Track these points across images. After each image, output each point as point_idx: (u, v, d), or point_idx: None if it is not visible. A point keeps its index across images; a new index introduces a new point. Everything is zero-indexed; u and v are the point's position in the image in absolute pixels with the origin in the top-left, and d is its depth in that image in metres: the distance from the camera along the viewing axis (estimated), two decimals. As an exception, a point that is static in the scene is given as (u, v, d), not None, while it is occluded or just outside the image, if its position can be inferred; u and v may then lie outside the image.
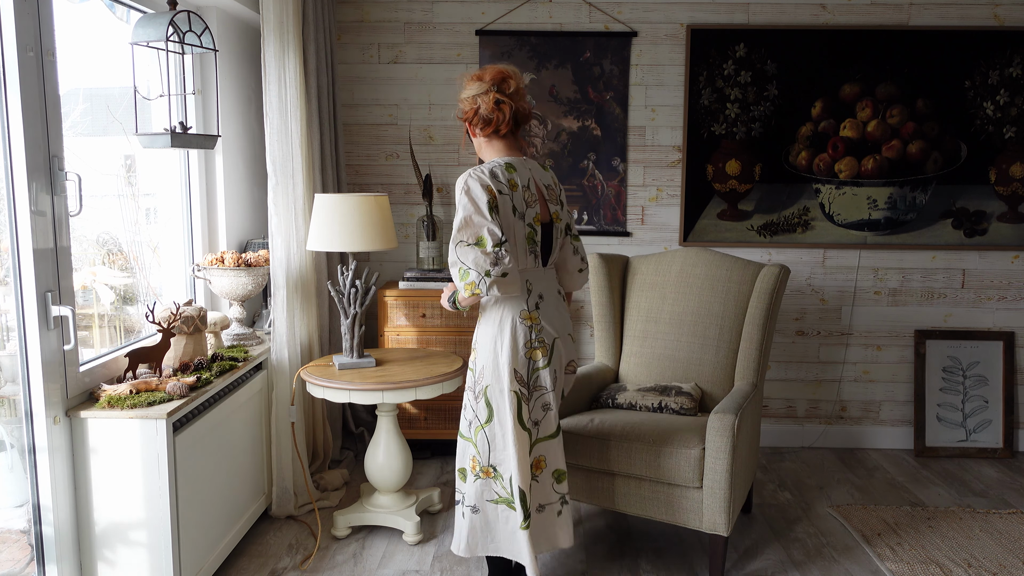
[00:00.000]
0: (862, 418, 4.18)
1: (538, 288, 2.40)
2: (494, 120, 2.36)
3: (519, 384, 2.33)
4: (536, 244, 2.37)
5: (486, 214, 2.23)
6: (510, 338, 2.32)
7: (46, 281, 2.20)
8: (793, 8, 3.92)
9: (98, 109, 2.85)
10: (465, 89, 2.39)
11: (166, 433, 2.32)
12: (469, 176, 2.28)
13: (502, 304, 2.36)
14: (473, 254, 2.23)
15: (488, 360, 2.36)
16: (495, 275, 2.21)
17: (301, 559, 2.92)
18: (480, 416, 2.40)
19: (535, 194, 2.38)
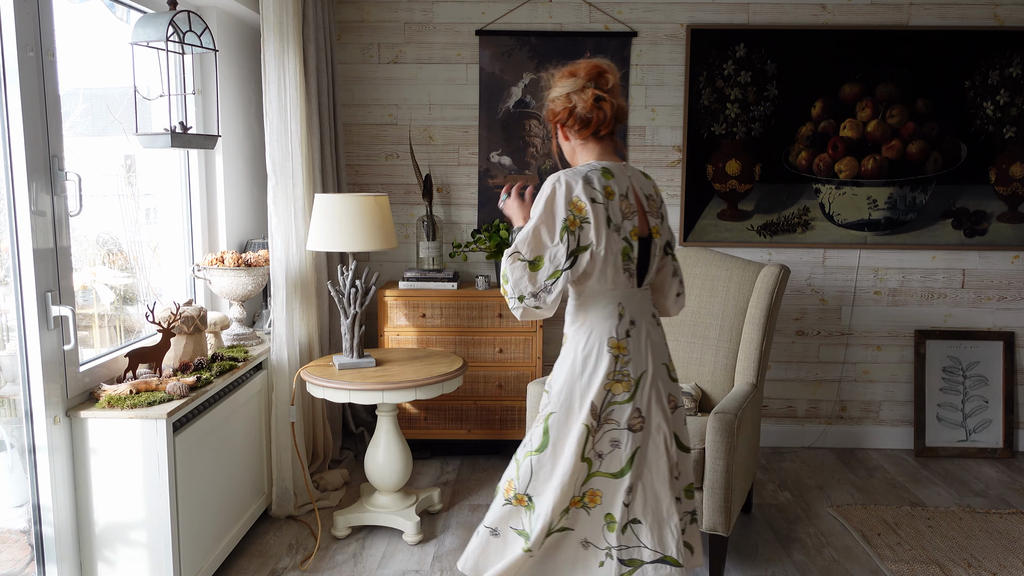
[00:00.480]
0: (862, 418, 4.18)
1: (631, 312, 2.09)
2: (593, 120, 2.09)
3: (592, 417, 2.05)
4: (632, 261, 2.06)
5: (557, 234, 1.98)
6: (592, 368, 2.06)
7: (46, 281, 2.20)
8: (793, 8, 3.92)
9: (98, 109, 2.85)
10: (555, 86, 2.13)
11: (166, 433, 2.32)
12: (558, 181, 2.01)
13: (588, 328, 2.08)
14: (520, 272, 2.01)
15: (562, 387, 2.10)
16: (527, 305, 2.03)
17: (301, 559, 2.92)
18: (533, 442, 2.15)
19: (634, 205, 2.07)
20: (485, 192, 4.06)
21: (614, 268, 2.04)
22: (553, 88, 2.14)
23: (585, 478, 2.09)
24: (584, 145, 2.14)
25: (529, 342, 3.77)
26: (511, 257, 2.02)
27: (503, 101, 3.99)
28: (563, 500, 2.08)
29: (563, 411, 2.08)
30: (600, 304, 2.07)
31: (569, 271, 1.99)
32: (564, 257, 1.99)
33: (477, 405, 3.82)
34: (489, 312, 3.75)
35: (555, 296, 2.02)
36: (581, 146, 2.15)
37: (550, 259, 1.99)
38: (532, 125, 4.01)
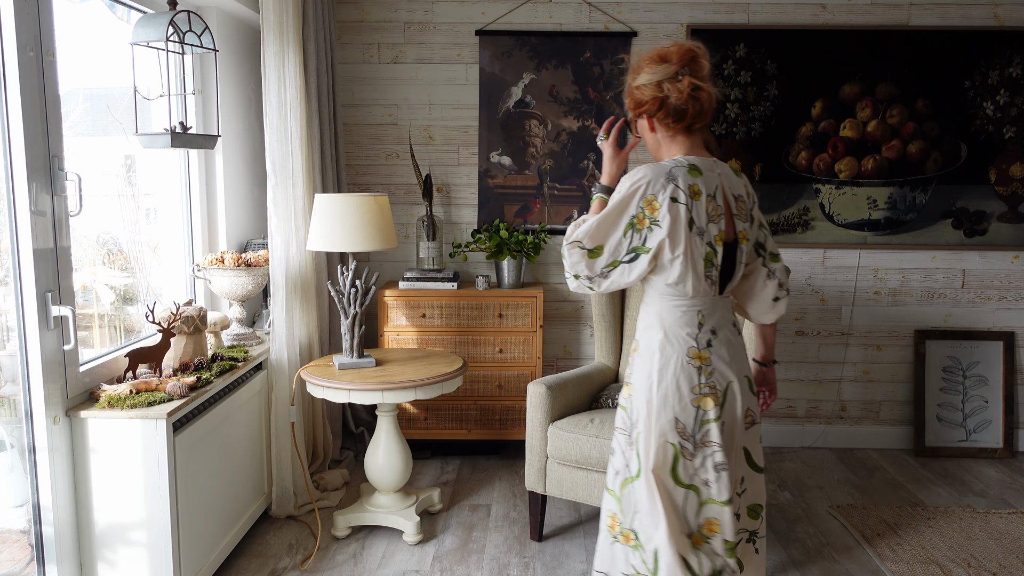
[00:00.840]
0: (862, 418, 4.18)
1: (711, 321, 1.92)
2: (688, 112, 1.88)
3: (680, 436, 1.88)
4: (715, 268, 1.88)
5: (621, 229, 1.86)
6: (672, 381, 1.88)
7: (46, 281, 2.20)
8: (793, 8, 3.92)
9: (98, 109, 2.85)
10: (642, 72, 1.91)
11: (166, 433, 2.32)
12: (640, 176, 1.86)
13: (664, 338, 1.91)
14: (578, 258, 1.89)
15: (643, 402, 1.92)
16: (582, 284, 1.92)
17: (301, 559, 2.92)
18: (631, 467, 1.95)
19: (721, 206, 1.89)
20: (485, 192, 4.06)
21: (695, 275, 1.86)
22: (639, 74, 1.92)
23: (699, 506, 1.90)
24: (672, 139, 1.95)
25: (529, 342, 3.77)
26: (571, 245, 1.90)
27: (503, 101, 3.99)
28: (679, 534, 1.87)
29: (648, 430, 1.91)
30: (678, 311, 1.91)
31: (628, 265, 1.87)
32: (625, 251, 1.87)
33: (477, 405, 3.82)
34: (489, 312, 3.75)
35: (610, 283, 1.90)
36: (669, 140, 1.95)
37: (610, 250, 1.88)
38: (532, 125, 4.01)
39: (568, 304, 4.14)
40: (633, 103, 1.95)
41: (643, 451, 1.91)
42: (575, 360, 4.18)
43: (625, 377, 2.01)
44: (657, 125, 1.94)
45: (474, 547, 3.04)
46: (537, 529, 3.07)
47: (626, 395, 2.00)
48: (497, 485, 3.63)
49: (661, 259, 1.85)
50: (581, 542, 3.09)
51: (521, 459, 3.92)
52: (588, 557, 2.96)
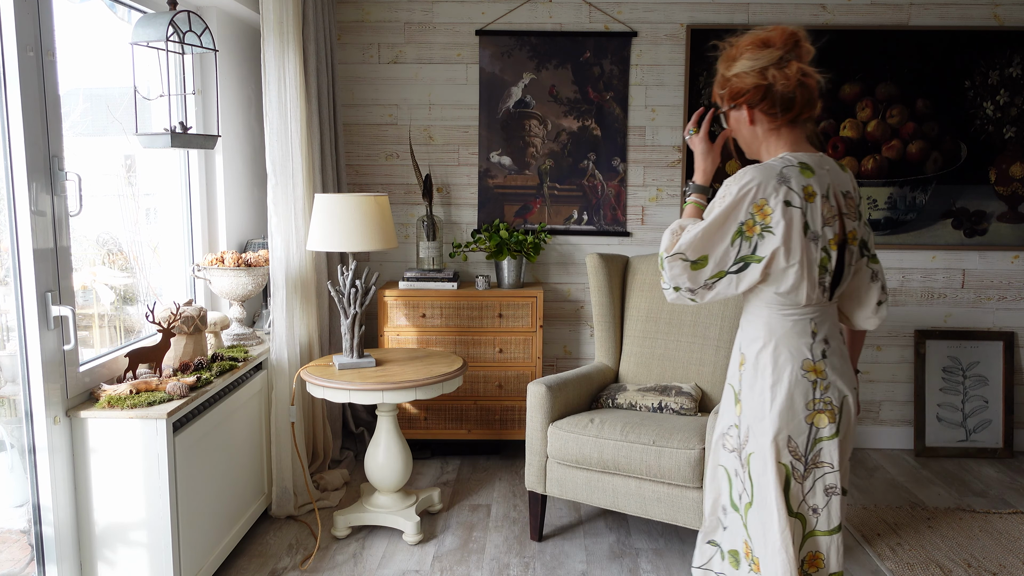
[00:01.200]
0: (862, 418, 4.18)
1: (823, 330, 1.77)
2: (797, 101, 1.72)
3: (791, 456, 1.74)
4: (828, 273, 1.74)
5: (728, 237, 1.71)
6: (786, 395, 1.74)
7: (46, 281, 2.20)
8: (793, 8, 3.92)
9: (98, 109, 2.85)
10: (741, 59, 1.75)
11: (166, 433, 2.32)
12: (748, 178, 1.69)
13: (776, 347, 1.76)
14: (680, 271, 1.74)
15: (755, 420, 1.78)
16: (682, 296, 1.78)
17: (301, 559, 2.92)
18: (747, 491, 1.82)
19: (835, 207, 1.74)
20: (485, 192, 4.06)
21: (810, 283, 1.72)
22: (737, 61, 1.76)
23: (802, 538, 1.77)
24: (775, 132, 1.78)
25: (529, 342, 3.77)
26: (672, 257, 1.74)
27: (503, 101, 3.99)
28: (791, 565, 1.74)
29: (759, 449, 1.77)
30: (789, 321, 1.76)
31: (735, 276, 1.73)
32: (732, 261, 1.71)
33: (477, 405, 3.82)
34: (489, 312, 3.75)
35: (715, 294, 1.76)
36: (771, 133, 1.78)
37: (715, 261, 1.72)
38: (532, 125, 4.01)
39: (568, 304, 4.14)
40: (730, 93, 1.78)
41: (757, 475, 1.78)
42: (575, 360, 4.18)
43: (734, 392, 1.88)
44: (758, 117, 1.77)
45: (474, 547, 3.04)
46: (537, 529, 3.07)
47: (736, 412, 1.85)
48: (497, 485, 3.63)
49: (774, 268, 1.71)
50: (581, 542, 3.09)
51: (521, 459, 3.92)
52: (588, 557, 2.97)
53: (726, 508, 1.90)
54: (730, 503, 1.89)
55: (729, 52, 1.79)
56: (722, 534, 1.92)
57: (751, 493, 1.79)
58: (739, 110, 1.79)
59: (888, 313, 1.95)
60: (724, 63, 1.79)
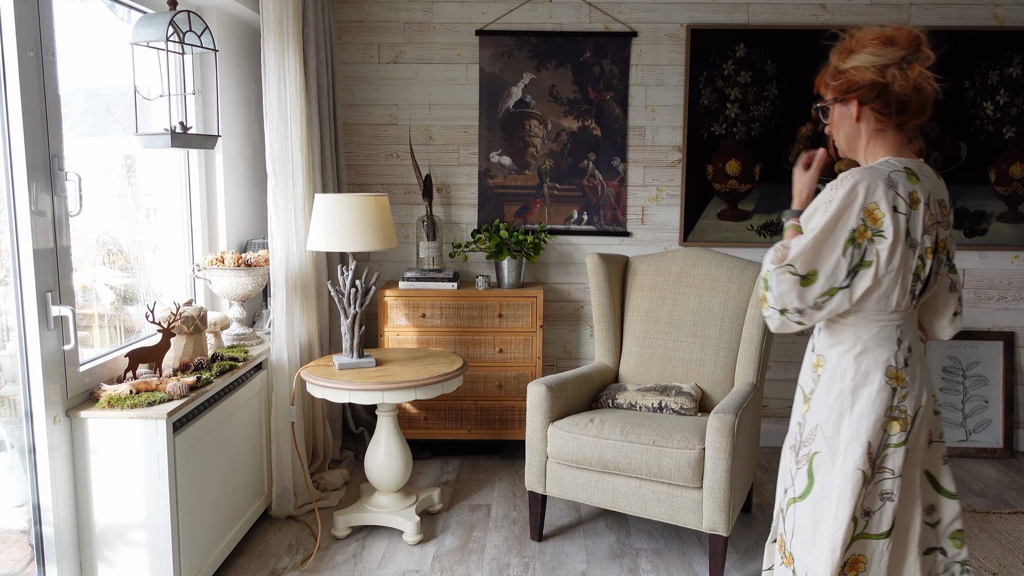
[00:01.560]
0: (862, 418, 4.18)
1: (908, 337, 1.75)
2: (911, 104, 1.69)
3: (867, 462, 1.72)
4: (920, 281, 1.72)
5: (840, 245, 1.66)
6: (868, 401, 1.72)
7: (46, 281, 2.20)
8: (793, 8, 3.92)
9: (98, 109, 2.85)
10: (862, 53, 1.73)
11: (166, 433, 2.32)
12: (856, 182, 1.65)
13: (860, 353, 1.74)
14: (788, 287, 1.68)
15: (827, 421, 1.76)
16: (788, 319, 1.71)
17: (301, 559, 2.92)
18: (797, 487, 1.82)
19: (934, 216, 1.71)
20: (485, 192, 4.06)
21: (902, 289, 1.70)
22: (857, 54, 1.74)
23: (849, 540, 1.75)
24: (880, 134, 1.75)
25: (529, 342, 3.77)
26: (781, 269, 1.69)
27: (503, 101, 4.00)
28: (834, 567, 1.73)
29: (829, 450, 1.75)
30: (876, 327, 1.74)
31: (847, 290, 1.67)
32: (844, 273, 1.66)
33: (477, 405, 3.82)
34: (489, 312, 3.75)
35: (824, 314, 1.70)
36: (876, 134, 1.75)
37: (827, 275, 1.67)
38: (532, 125, 4.01)
39: (568, 304, 4.14)
40: (843, 85, 1.74)
41: (822, 475, 1.76)
42: (575, 360, 4.18)
43: (803, 393, 1.86)
44: (867, 115, 1.73)
45: (474, 547, 3.04)
46: (537, 529, 3.07)
47: (803, 411, 1.84)
48: (497, 485, 3.63)
49: (880, 273, 1.68)
50: (581, 542, 3.09)
51: (521, 459, 3.92)
52: (588, 557, 2.97)
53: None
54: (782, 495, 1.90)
55: (846, 44, 1.76)
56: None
57: (805, 489, 1.78)
58: (846, 105, 1.76)
59: (961, 325, 1.93)
60: (839, 55, 1.76)
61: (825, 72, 1.80)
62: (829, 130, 1.85)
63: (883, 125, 1.73)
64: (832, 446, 1.75)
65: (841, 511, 1.72)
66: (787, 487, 1.85)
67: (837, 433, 1.74)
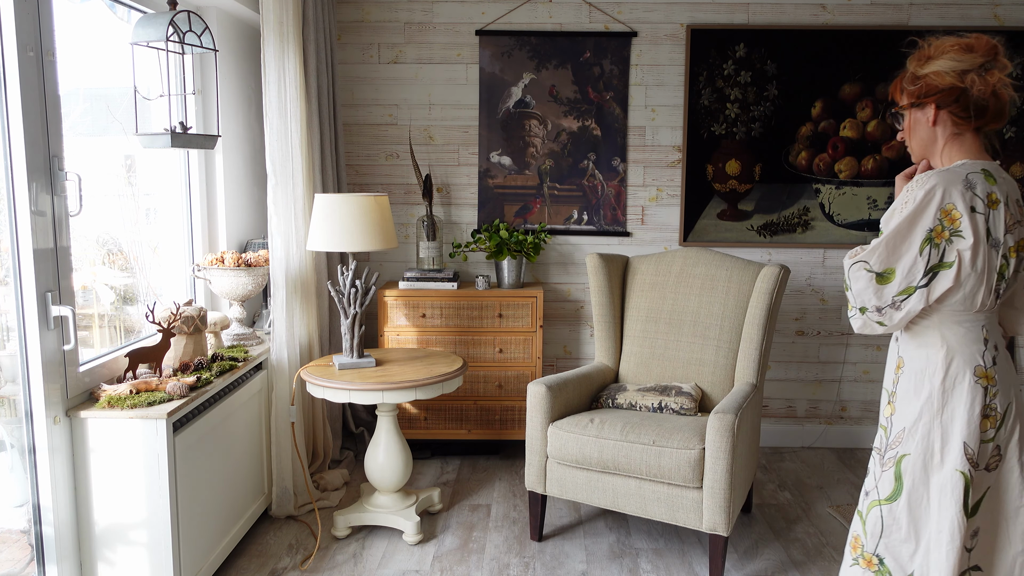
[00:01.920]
0: (862, 418, 4.18)
1: (993, 336, 1.78)
2: (989, 110, 1.74)
3: (969, 463, 1.72)
4: (1004, 280, 1.75)
5: (916, 245, 1.69)
6: (961, 403, 1.73)
7: (46, 281, 2.20)
8: (793, 8, 3.92)
9: (98, 109, 2.85)
10: (943, 59, 1.76)
11: (166, 433, 2.32)
12: (933, 183, 1.69)
13: (947, 353, 1.75)
14: (864, 284, 1.74)
15: (917, 423, 1.77)
16: (869, 319, 1.76)
17: (301, 559, 2.92)
18: (881, 490, 1.83)
19: (1015, 215, 1.75)
20: (485, 192, 4.06)
21: (986, 289, 1.72)
22: (936, 59, 1.77)
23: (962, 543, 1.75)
24: (957, 138, 1.79)
25: (529, 342, 3.77)
26: (857, 264, 1.75)
27: (503, 101, 4.00)
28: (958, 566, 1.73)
29: (920, 453, 1.77)
30: (962, 326, 1.76)
31: (925, 289, 1.71)
32: (921, 273, 1.70)
33: (477, 405, 3.82)
34: (489, 312, 3.75)
35: (904, 315, 1.73)
36: (953, 139, 1.79)
37: (903, 273, 1.71)
38: (532, 125, 4.01)
39: (568, 304, 4.14)
40: (921, 90, 1.79)
41: (912, 477, 1.78)
42: (575, 360, 4.18)
43: (887, 394, 1.88)
44: (944, 119, 1.78)
45: (474, 547, 3.04)
46: (537, 529, 3.07)
47: (887, 414, 1.86)
48: (497, 485, 3.63)
49: (963, 274, 1.71)
50: (581, 542, 3.09)
51: (521, 459, 3.92)
52: (588, 557, 2.97)
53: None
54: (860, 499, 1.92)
55: (925, 52, 1.80)
56: None
57: (894, 492, 1.80)
58: (923, 109, 1.81)
59: None
60: (917, 62, 1.82)
61: (902, 78, 1.86)
62: (902, 136, 1.89)
63: (960, 129, 1.78)
64: (924, 448, 1.76)
65: (944, 513, 1.73)
66: (868, 490, 1.86)
67: (928, 435, 1.76)
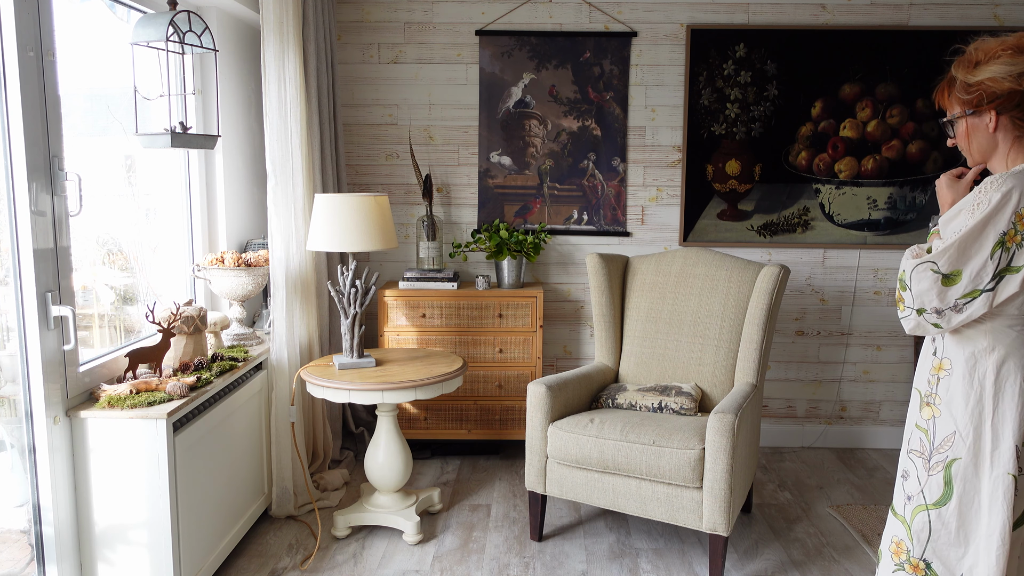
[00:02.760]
0: (862, 418, 4.18)
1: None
2: None
3: (1016, 466, 1.72)
4: None
5: (988, 248, 1.66)
6: (1012, 405, 1.71)
7: (46, 281, 2.20)
8: (793, 8, 3.92)
9: (98, 109, 2.85)
10: (996, 63, 1.73)
11: (166, 433, 2.32)
12: (1007, 186, 1.67)
13: (1001, 356, 1.73)
14: (929, 284, 1.70)
15: (967, 427, 1.75)
16: (925, 320, 1.72)
17: (301, 559, 2.92)
18: (928, 494, 1.80)
19: None
20: (485, 192, 4.06)
21: None
22: (989, 64, 1.74)
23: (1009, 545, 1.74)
24: (1020, 141, 1.76)
25: (529, 342, 3.77)
26: (923, 265, 1.71)
27: (503, 101, 4.00)
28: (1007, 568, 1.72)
29: (972, 457, 1.74)
30: (1014, 332, 1.73)
31: (990, 294, 1.68)
32: (989, 276, 1.66)
33: (477, 405, 3.82)
34: (489, 312, 3.75)
35: (963, 318, 1.70)
36: (1017, 141, 1.77)
37: (971, 276, 1.67)
38: (532, 125, 4.01)
39: (568, 304, 4.14)
40: (978, 97, 1.76)
41: (964, 482, 1.76)
42: (575, 360, 4.18)
43: (920, 395, 1.86)
44: (1005, 123, 1.75)
45: (474, 547, 3.04)
46: (537, 529, 3.07)
47: (927, 416, 1.83)
48: (497, 485, 3.63)
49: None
50: (581, 542, 3.09)
51: (521, 459, 3.92)
52: (588, 557, 2.97)
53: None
54: (891, 505, 1.90)
55: (971, 57, 1.77)
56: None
57: (943, 496, 1.77)
58: (980, 116, 1.78)
59: None
60: (965, 68, 1.78)
61: (950, 87, 1.82)
62: (954, 142, 1.86)
63: (1021, 132, 1.76)
64: (975, 451, 1.74)
65: (995, 516, 1.72)
66: (911, 494, 1.83)
67: (980, 438, 1.74)
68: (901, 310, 1.76)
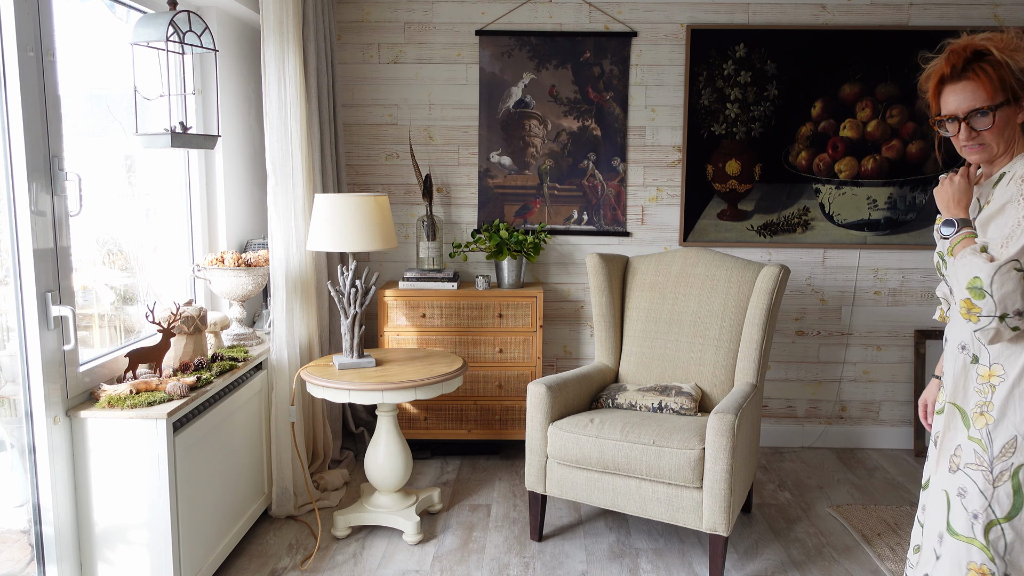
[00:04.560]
0: (862, 418, 4.18)
1: None
2: None
3: None
4: None
5: None
6: None
7: (46, 281, 2.20)
8: (793, 8, 3.92)
9: (98, 109, 2.85)
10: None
11: (166, 433, 2.32)
12: None
13: None
14: (1013, 284, 1.60)
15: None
16: (1008, 325, 1.62)
17: (301, 559, 2.92)
18: (997, 508, 1.70)
19: None
20: (485, 192, 4.06)
21: None
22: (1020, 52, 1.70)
23: None
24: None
25: (529, 342, 3.77)
26: (1006, 266, 1.60)
27: (503, 101, 4.00)
28: None
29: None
30: None
31: None
32: None
33: (477, 405, 3.82)
34: (489, 312, 3.75)
35: None
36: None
37: None
38: (532, 125, 4.00)
39: (568, 304, 4.14)
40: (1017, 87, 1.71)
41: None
42: (575, 360, 4.18)
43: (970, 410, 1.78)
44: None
45: (474, 547, 3.04)
46: (537, 529, 3.07)
47: (979, 426, 1.75)
48: (497, 485, 3.63)
49: None
50: (581, 542, 3.09)
51: (521, 459, 3.92)
52: (588, 557, 2.97)
53: (942, 535, 1.79)
54: (947, 528, 1.78)
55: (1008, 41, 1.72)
56: (935, 565, 1.83)
57: (1013, 506, 1.69)
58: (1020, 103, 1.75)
59: None
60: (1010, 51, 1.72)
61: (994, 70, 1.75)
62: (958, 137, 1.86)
63: None
64: None
65: None
66: (976, 512, 1.72)
67: None
68: (974, 321, 1.65)
